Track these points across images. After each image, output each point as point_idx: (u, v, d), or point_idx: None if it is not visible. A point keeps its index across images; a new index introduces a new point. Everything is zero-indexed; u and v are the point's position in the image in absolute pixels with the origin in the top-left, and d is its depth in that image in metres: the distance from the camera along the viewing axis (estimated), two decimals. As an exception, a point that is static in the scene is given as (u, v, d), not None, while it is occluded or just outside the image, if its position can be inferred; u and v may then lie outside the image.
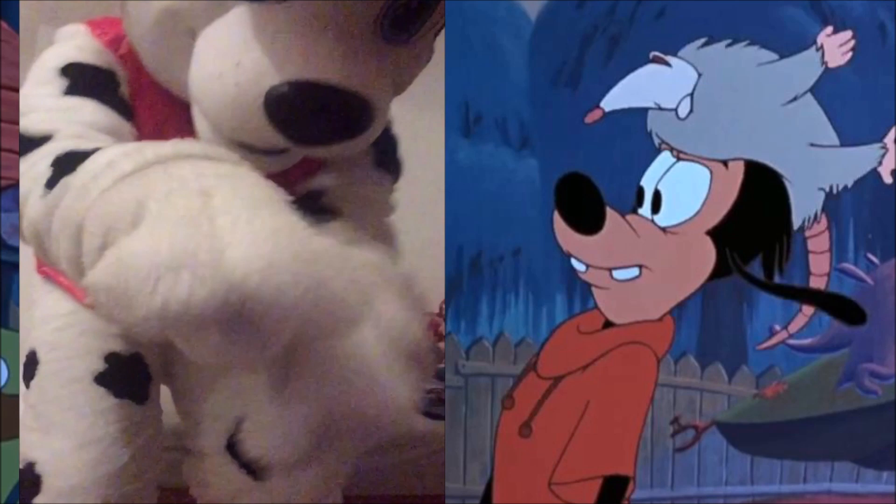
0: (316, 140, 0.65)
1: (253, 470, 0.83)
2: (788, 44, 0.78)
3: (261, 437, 0.69)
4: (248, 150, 0.66)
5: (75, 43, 0.79)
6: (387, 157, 0.90)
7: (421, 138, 0.98)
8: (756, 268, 0.81)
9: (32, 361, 0.92)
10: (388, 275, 0.71)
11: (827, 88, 0.78)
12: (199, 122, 0.71)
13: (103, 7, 0.89)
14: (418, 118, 0.98)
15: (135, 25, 0.71)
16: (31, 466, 0.84)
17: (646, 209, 0.80)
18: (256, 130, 0.63)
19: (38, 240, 0.65)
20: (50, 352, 0.91)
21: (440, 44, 0.84)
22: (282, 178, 0.69)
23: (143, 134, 0.78)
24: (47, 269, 0.94)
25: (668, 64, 0.78)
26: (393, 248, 0.89)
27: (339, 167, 0.86)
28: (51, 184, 0.62)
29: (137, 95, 0.79)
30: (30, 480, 0.83)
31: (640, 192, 0.81)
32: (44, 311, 0.94)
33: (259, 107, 0.62)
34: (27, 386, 0.92)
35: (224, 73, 0.63)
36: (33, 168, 0.65)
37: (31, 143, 0.68)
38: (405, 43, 0.70)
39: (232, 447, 0.86)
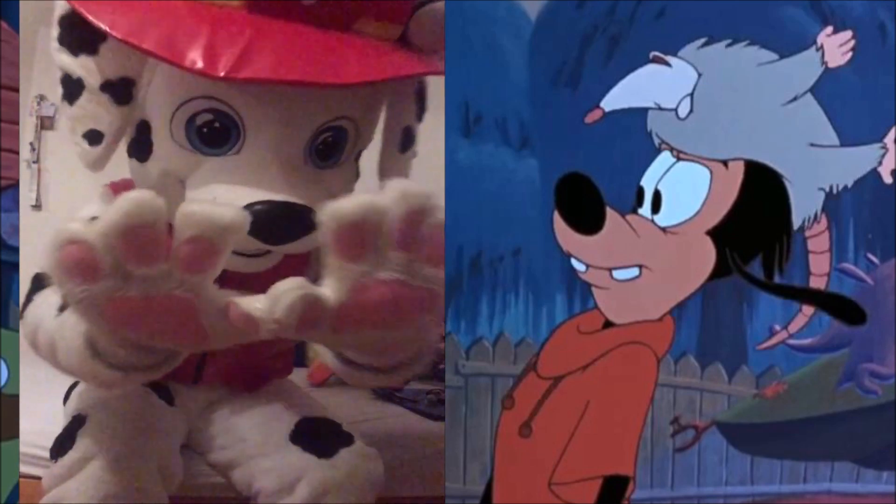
0: (281, 240, 0.85)
1: (315, 450, 1.01)
2: (788, 44, 0.78)
3: None
4: (239, 255, 0.88)
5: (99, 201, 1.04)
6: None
7: (421, 138, 0.98)
8: (756, 268, 0.81)
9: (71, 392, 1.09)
10: None
11: (827, 88, 0.78)
12: None
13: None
14: (419, 120, 0.99)
15: (141, 183, 0.96)
16: (76, 415, 1.01)
17: (646, 209, 0.80)
18: (239, 240, 0.83)
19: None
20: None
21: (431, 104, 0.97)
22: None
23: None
24: None
25: (668, 64, 0.78)
26: None
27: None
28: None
29: None
30: (75, 422, 0.99)
31: (640, 192, 0.81)
32: None
33: None
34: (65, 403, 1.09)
35: (204, 203, 0.86)
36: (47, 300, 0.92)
37: None
38: (332, 167, 0.92)
39: (294, 439, 1.04)
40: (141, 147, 0.94)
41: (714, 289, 0.83)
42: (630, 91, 0.80)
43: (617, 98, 0.80)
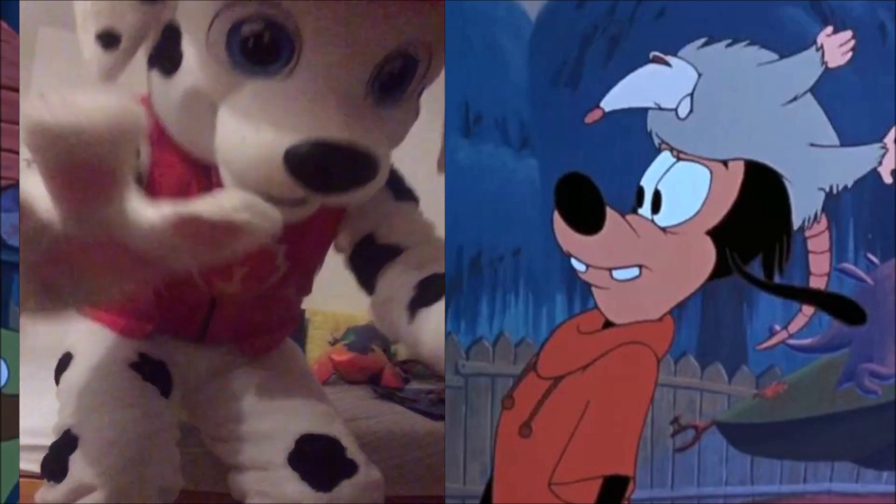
0: (331, 189, 0.75)
1: (314, 480, 0.94)
2: (788, 44, 0.78)
3: None
4: (273, 202, 0.74)
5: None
6: (402, 189, 1.02)
7: (420, 138, 0.98)
8: (756, 268, 0.81)
9: (66, 359, 1.04)
10: None
11: (827, 88, 0.78)
12: (227, 180, 0.82)
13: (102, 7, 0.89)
14: (418, 118, 0.98)
15: (162, 102, 0.83)
16: (66, 431, 0.94)
17: (646, 209, 0.80)
18: (279, 184, 0.74)
19: None
20: (87, 348, 1.03)
21: (431, 104, 0.93)
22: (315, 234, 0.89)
23: (162, 192, 0.87)
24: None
25: (668, 64, 0.78)
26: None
27: (365, 214, 0.98)
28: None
29: (157, 160, 0.90)
30: (65, 442, 0.92)
31: (640, 192, 0.81)
32: (79, 332, 1.07)
33: (280, 164, 0.73)
34: (58, 382, 1.03)
35: (246, 137, 0.76)
36: None
37: None
38: (393, 104, 0.81)
39: (292, 461, 0.96)
40: (167, 57, 0.79)
41: (714, 289, 0.83)
42: (630, 91, 0.79)
43: (617, 98, 0.80)
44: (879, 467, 0.89)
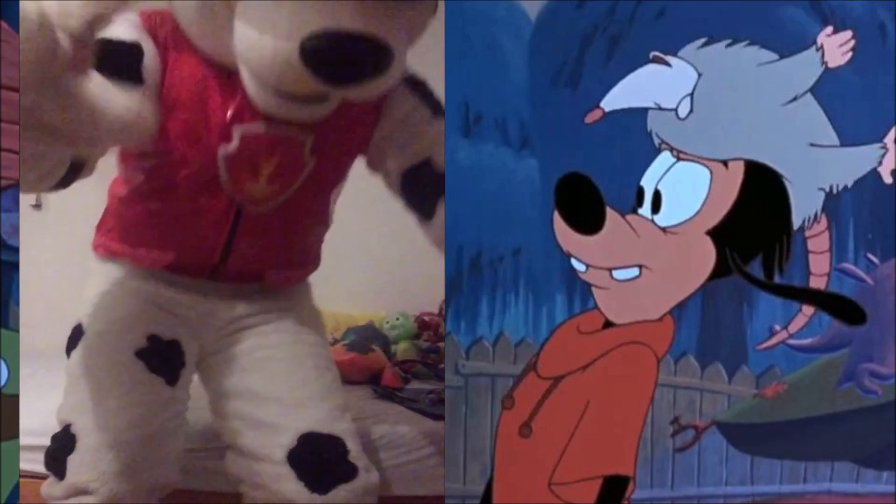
0: (347, 80, 0.77)
1: (311, 481, 0.94)
2: (788, 44, 0.78)
3: None
4: (292, 100, 0.80)
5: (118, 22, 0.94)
6: (436, 105, 1.03)
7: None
8: (756, 268, 0.81)
9: (77, 333, 1.03)
10: None
11: (827, 88, 0.78)
12: (247, 79, 0.85)
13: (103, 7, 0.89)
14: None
15: (180, 8, 0.88)
16: (66, 427, 0.96)
17: (646, 209, 0.80)
18: (296, 78, 0.76)
19: None
20: (97, 325, 1.02)
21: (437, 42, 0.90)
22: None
23: (180, 94, 0.92)
24: (104, 243, 1.08)
25: (668, 64, 0.78)
26: None
27: (414, 135, 1.00)
28: None
29: (173, 66, 0.93)
30: (64, 440, 0.94)
31: (640, 192, 0.81)
32: (96, 290, 1.06)
33: (297, 58, 0.75)
34: (68, 355, 1.03)
35: (263, 33, 0.78)
36: None
37: None
38: None
39: (291, 459, 0.95)
40: None
41: (714, 289, 0.83)
42: (630, 91, 0.79)
43: (617, 98, 0.80)
44: (879, 467, 0.89)
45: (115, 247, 1.05)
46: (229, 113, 0.91)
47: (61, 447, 0.94)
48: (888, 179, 0.80)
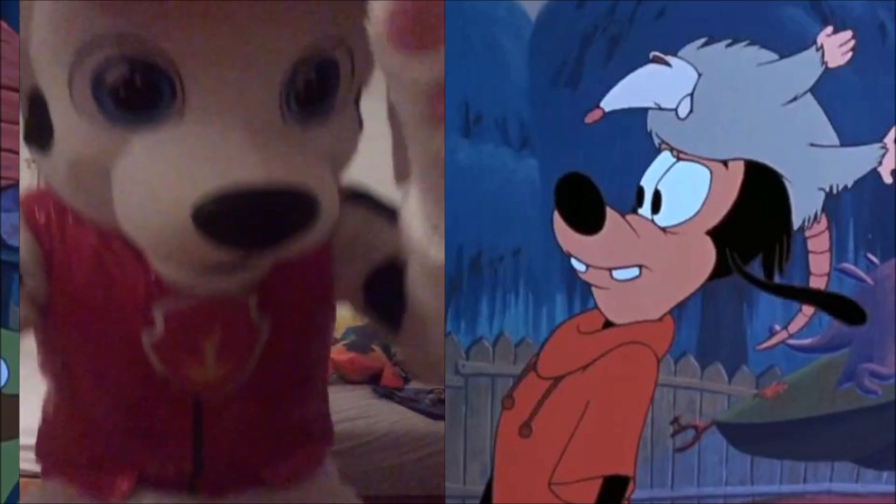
0: (264, 244, 0.62)
1: None
2: (788, 44, 0.78)
3: None
4: (206, 272, 0.66)
5: None
6: (392, 212, 0.83)
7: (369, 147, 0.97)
8: (756, 268, 0.81)
9: None
10: None
11: (827, 88, 0.78)
12: (146, 252, 0.72)
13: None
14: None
15: (52, 178, 0.72)
16: None
17: (646, 209, 0.80)
18: (197, 250, 0.61)
19: None
20: None
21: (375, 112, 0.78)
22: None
23: (74, 278, 0.77)
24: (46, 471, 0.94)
25: (668, 64, 0.78)
26: None
27: (369, 244, 0.83)
28: None
29: (62, 242, 0.79)
30: None
31: (640, 192, 0.81)
32: None
33: (189, 227, 0.61)
34: None
35: (143, 201, 0.64)
36: None
37: None
38: (323, 120, 0.68)
39: None
40: (39, 128, 0.68)
41: (714, 289, 0.83)
42: (630, 91, 0.79)
43: (617, 98, 0.80)
44: (879, 467, 0.89)
45: (61, 469, 0.90)
46: (141, 290, 0.75)
47: None
48: (888, 179, 0.80)
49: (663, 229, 0.80)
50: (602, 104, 0.80)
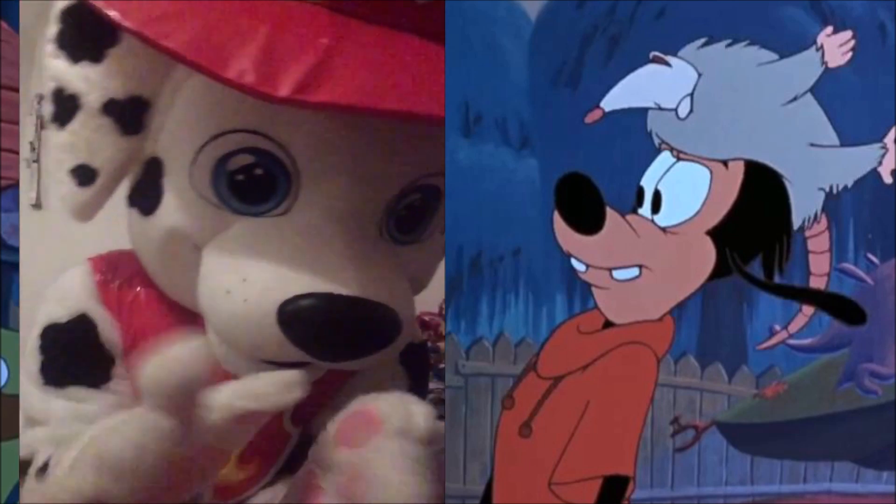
0: (340, 355, 0.63)
1: None
2: (788, 44, 0.78)
3: None
4: (266, 368, 0.64)
5: (64, 293, 0.81)
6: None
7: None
8: (756, 268, 0.81)
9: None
10: None
11: (827, 88, 0.78)
12: (214, 339, 0.70)
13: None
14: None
15: (142, 243, 0.73)
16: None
17: (646, 209, 0.80)
18: (274, 346, 0.61)
19: None
20: None
21: None
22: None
23: (144, 338, 0.77)
24: None
25: (668, 64, 0.78)
26: None
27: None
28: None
29: (136, 326, 0.79)
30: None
31: (640, 192, 0.81)
32: None
33: (272, 323, 0.61)
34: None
35: (232, 288, 0.64)
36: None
37: None
38: (416, 243, 0.70)
39: None
40: (148, 194, 0.69)
41: (714, 289, 0.83)
42: (630, 91, 0.79)
43: (617, 98, 0.80)
44: (879, 467, 0.89)
45: None
46: None
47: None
48: (888, 179, 0.80)
49: (663, 229, 0.80)
50: (602, 104, 0.80)
